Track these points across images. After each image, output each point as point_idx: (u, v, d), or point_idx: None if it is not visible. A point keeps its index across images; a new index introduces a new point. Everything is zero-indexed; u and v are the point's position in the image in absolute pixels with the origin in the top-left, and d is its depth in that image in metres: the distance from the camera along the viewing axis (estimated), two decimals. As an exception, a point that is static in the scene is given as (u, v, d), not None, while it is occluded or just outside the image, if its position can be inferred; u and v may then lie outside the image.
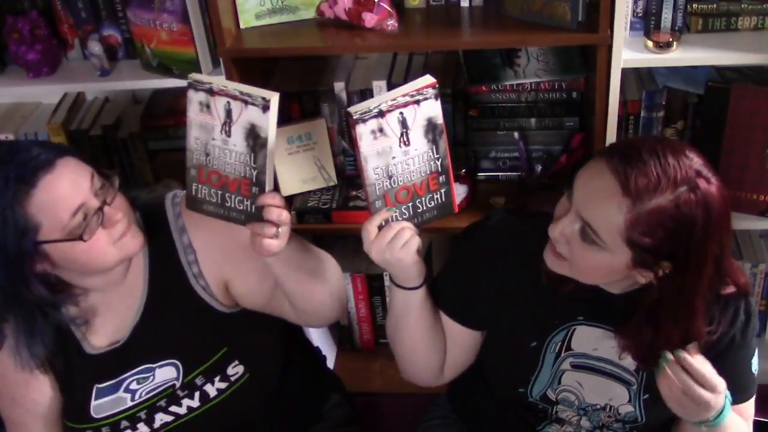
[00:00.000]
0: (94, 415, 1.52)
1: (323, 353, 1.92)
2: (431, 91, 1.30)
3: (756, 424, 1.49)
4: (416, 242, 1.34)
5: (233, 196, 1.35)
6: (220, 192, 1.35)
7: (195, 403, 1.53)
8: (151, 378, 1.52)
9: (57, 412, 1.56)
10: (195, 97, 1.31)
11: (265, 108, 1.28)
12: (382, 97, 1.29)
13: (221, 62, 1.84)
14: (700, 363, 1.28)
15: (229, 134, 1.31)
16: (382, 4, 1.80)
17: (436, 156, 1.34)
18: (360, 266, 2.29)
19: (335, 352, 2.39)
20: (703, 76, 1.90)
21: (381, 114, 1.28)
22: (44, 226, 1.33)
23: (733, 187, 1.92)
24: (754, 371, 1.44)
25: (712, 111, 1.88)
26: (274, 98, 1.28)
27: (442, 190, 1.37)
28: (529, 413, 1.52)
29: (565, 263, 1.31)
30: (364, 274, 2.27)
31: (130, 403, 1.52)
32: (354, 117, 1.27)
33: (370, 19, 1.82)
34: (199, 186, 1.37)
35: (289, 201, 2.06)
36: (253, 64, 1.95)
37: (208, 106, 1.31)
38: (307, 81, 2.07)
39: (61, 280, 1.44)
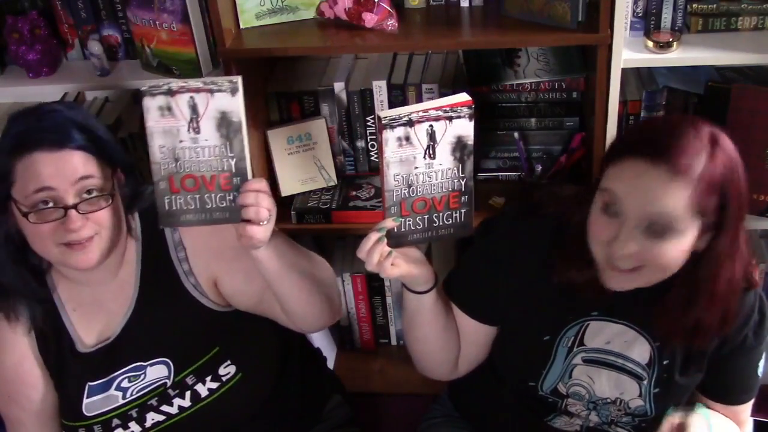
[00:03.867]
0: (86, 413, 1.52)
1: (323, 354, 1.92)
2: (466, 111, 1.29)
3: (756, 424, 1.50)
4: (399, 259, 1.34)
5: (213, 195, 1.32)
6: (197, 195, 1.33)
7: (186, 402, 1.53)
8: (143, 376, 1.52)
9: (53, 410, 1.56)
10: (153, 104, 1.27)
11: (234, 90, 1.27)
12: (415, 107, 1.29)
13: (221, 62, 1.84)
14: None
15: (198, 131, 1.29)
16: (382, 4, 1.80)
17: (461, 175, 1.33)
18: (360, 266, 2.29)
19: (335, 352, 2.39)
20: (703, 76, 1.90)
21: (410, 123, 1.27)
22: (16, 185, 1.38)
23: (733, 187, 1.92)
24: (759, 374, 1.45)
25: (712, 111, 1.87)
26: (239, 79, 1.27)
27: (462, 210, 1.37)
28: (539, 404, 1.52)
29: (636, 275, 1.27)
30: (364, 274, 2.27)
31: (121, 401, 1.52)
32: (383, 122, 1.27)
33: (370, 19, 1.82)
34: (173, 197, 1.33)
35: (289, 201, 2.06)
36: (253, 64, 1.95)
37: (169, 109, 1.28)
38: (307, 81, 2.07)
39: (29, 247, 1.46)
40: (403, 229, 1.35)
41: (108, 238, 1.42)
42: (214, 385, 1.53)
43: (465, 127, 1.30)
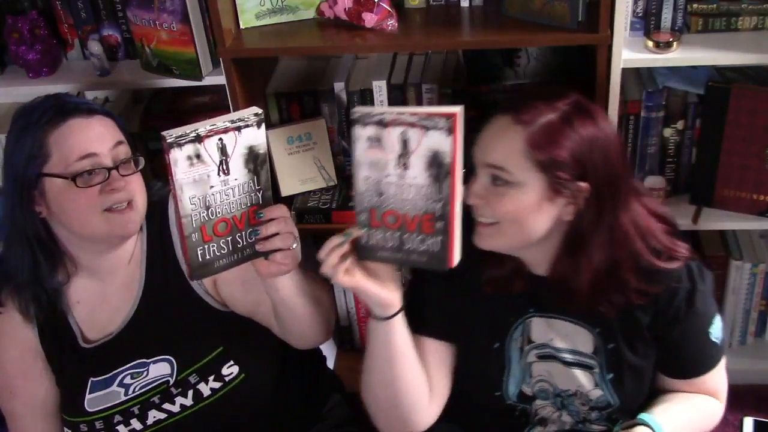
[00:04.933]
0: (88, 409, 1.52)
1: (323, 353, 1.92)
2: (444, 123, 1.16)
3: (756, 423, 1.49)
4: (357, 269, 1.28)
5: (244, 233, 1.28)
6: (229, 238, 1.27)
7: (188, 401, 1.53)
8: (145, 373, 1.52)
9: (55, 405, 1.57)
10: (180, 155, 1.20)
11: (259, 123, 1.24)
12: (393, 109, 1.21)
13: (221, 62, 1.84)
14: None
15: (227, 171, 1.23)
16: (382, 4, 1.80)
17: (437, 196, 1.21)
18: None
19: (335, 352, 2.39)
20: (703, 76, 1.90)
21: (383, 124, 1.20)
22: (52, 159, 1.41)
23: (732, 187, 1.93)
24: (715, 339, 1.44)
25: (712, 111, 1.88)
26: (262, 111, 1.24)
27: (438, 239, 1.23)
28: (512, 420, 1.53)
29: (494, 230, 1.33)
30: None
31: (123, 398, 1.52)
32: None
33: (370, 19, 1.82)
34: (206, 247, 1.26)
35: (289, 201, 2.06)
36: (253, 64, 1.95)
37: (198, 156, 1.21)
38: (307, 81, 2.07)
39: (54, 237, 1.47)
40: (371, 242, 1.26)
41: (142, 206, 1.46)
42: (217, 385, 1.53)
43: (441, 142, 1.17)
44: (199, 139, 1.21)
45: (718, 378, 1.49)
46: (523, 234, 1.33)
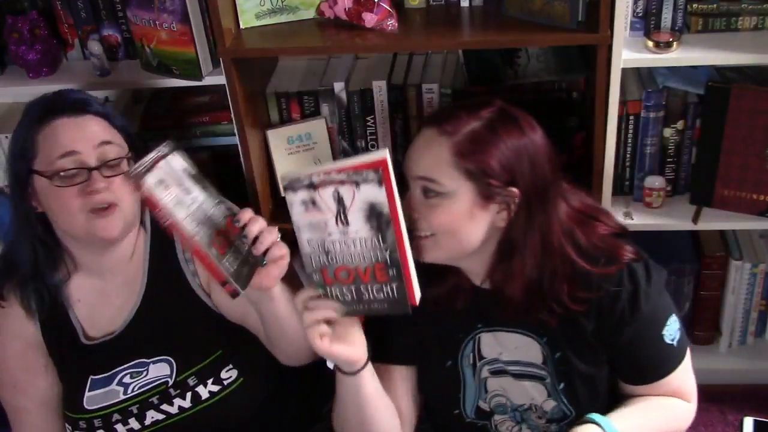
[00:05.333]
0: (87, 407, 1.52)
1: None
2: (372, 175, 1.17)
3: (756, 423, 1.49)
4: (327, 338, 1.28)
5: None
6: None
7: (186, 403, 1.53)
8: (145, 373, 1.52)
9: (58, 400, 1.57)
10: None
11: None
12: (320, 168, 1.20)
13: (221, 62, 1.84)
14: None
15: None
16: (382, 4, 1.80)
17: (381, 245, 1.22)
18: (360, 266, 2.29)
19: (335, 352, 2.38)
20: (703, 76, 1.90)
21: (313, 186, 1.20)
22: (39, 156, 1.42)
23: (732, 187, 1.93)
24: (670, 341, 1.41)
25: (712, 111, 1.88)
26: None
27: (393, 285, 1.25)
28: None
29: (431, 243, 1.33)
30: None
31: (122, 397, 1.52)
32: (283, 184, 1.22)
33: (370, 19, 1.82)
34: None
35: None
36: (253, 64, 1.95)
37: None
38: (307, 81, 2.07)
39: (53, 234, 1.48)
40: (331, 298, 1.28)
41: (129, 210, 1.44)
42: (216, 388, 1.53)
43: (375, 194, 1.17)
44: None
45: (682, 379, 1.45)
46: (460, 243, 1.33)
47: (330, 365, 1.40)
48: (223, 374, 1.54)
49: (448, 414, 1.51)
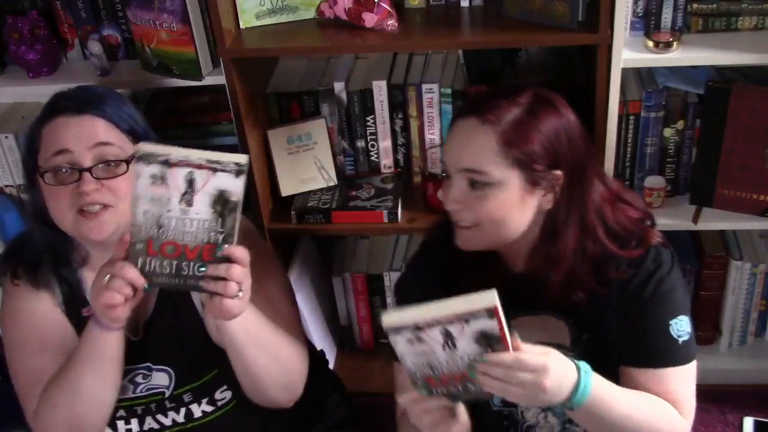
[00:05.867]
0: None
1: (326, 356, 1.91)
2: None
3: (756, 423, 1.49)
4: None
5: (192, 264, 1.28)
6: (175, 261, 1.29)
7: (180, 418, 1.53)
8: (150, 378, 1.51)
9: None
10: (147, 171, 1.24)
11: (239, 173, 1.24)
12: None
13: (221, 62, 1.84)
14: (503, 356, 1.21)
15: (190, 204, 1.26)
16: (382, 4, 1.80)
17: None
18: (360, 266, 2.29)
19: (335, 352, 2.39)
20: (703, 76, 1.90)
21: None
22: (40, 152, 1.44)
23: (733, 187, 1.93)
24: (676, 336, 1.39)
25: (712, 111, 1.88)
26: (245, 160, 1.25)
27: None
28: (501, 428, 1.52)
29: (476, 232, 1.34)
30: (364, 274, 2.27)
31: (130, 395, 1.51)
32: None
33: (370, 19, 1.82)
34: (150, 259, 1.29)
35: (289, 201, 2.06)
36: (253, 64, 1.95)
37: (162, 178, 1.25)
38: (307, 81, 2.07)
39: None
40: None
41: (124, 213, 1.41)
42: (209, 409, 1.53)
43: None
44: (168, 164, 1.24)
45: (679, 383, 1.41)
46: (507, 230, 1.35)
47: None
48: (218, 395, 1.53)
49: (474, 404, 1.50)
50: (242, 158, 1.24)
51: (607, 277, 1.38)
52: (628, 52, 1.78)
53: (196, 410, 1.53)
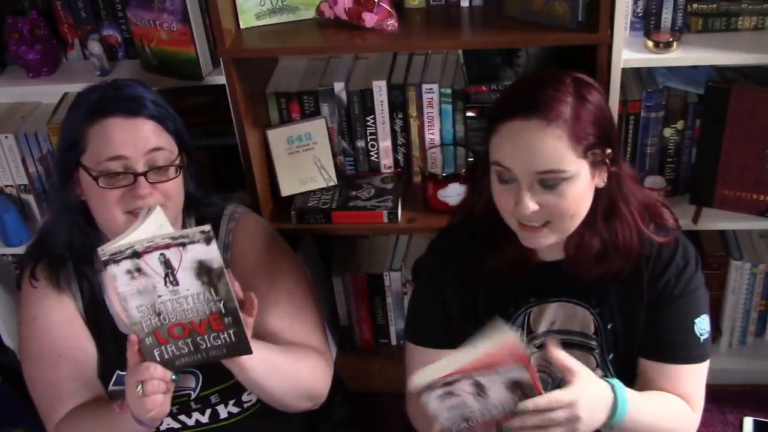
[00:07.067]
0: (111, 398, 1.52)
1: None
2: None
3: (756, 423, 1.49)
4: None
5: (206, 336, 1.30)
6: (189, 339, 1.31)
7: (204, 419, 1.53)
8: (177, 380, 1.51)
9: (95, 373, 1.54)
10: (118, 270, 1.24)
11: (209, 240, 1.24)
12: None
13: (221, 62, 1.84)
14: (538, 401, 1.23)
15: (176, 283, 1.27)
16: (382, 4, 1.80)
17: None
18: (360, 266, 2.29)
19: (335, 352, 2.39)
20: (703, 76, 1.90)
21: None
22: (87, 152, 1.43)
23: (733, 187, 1.93)
24: (698, 334, 1.42)
25: (712, 111, 1.88)
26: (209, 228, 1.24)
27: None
28: None
29: (549, 229, 1.33)
30: (364, 274, 2.27)
31: None
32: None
33: (370, 19, 1.82)
34: (165, 347, 1.31)
35: (289, 201, 2.06)
36: (253, 64, 1.95)
37: (138, 270, 1.25)
38: (307, 81, 2.07)
39: (92, 222, 1.48)
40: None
41: (173, 212, 1.44)
42: (236, 410, 1.53)
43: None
44: (136, 254, 1.24)
45: (693, 381, 1.44)
46: (577, 221, 1.34)
47: None
48: (245, 397, 1.53)
49: None
50: (205, 227, 1.24)
51: (642, 254, 1.39)
52: (628, 52, 1.78)
53: (222, 411, 1.53)
